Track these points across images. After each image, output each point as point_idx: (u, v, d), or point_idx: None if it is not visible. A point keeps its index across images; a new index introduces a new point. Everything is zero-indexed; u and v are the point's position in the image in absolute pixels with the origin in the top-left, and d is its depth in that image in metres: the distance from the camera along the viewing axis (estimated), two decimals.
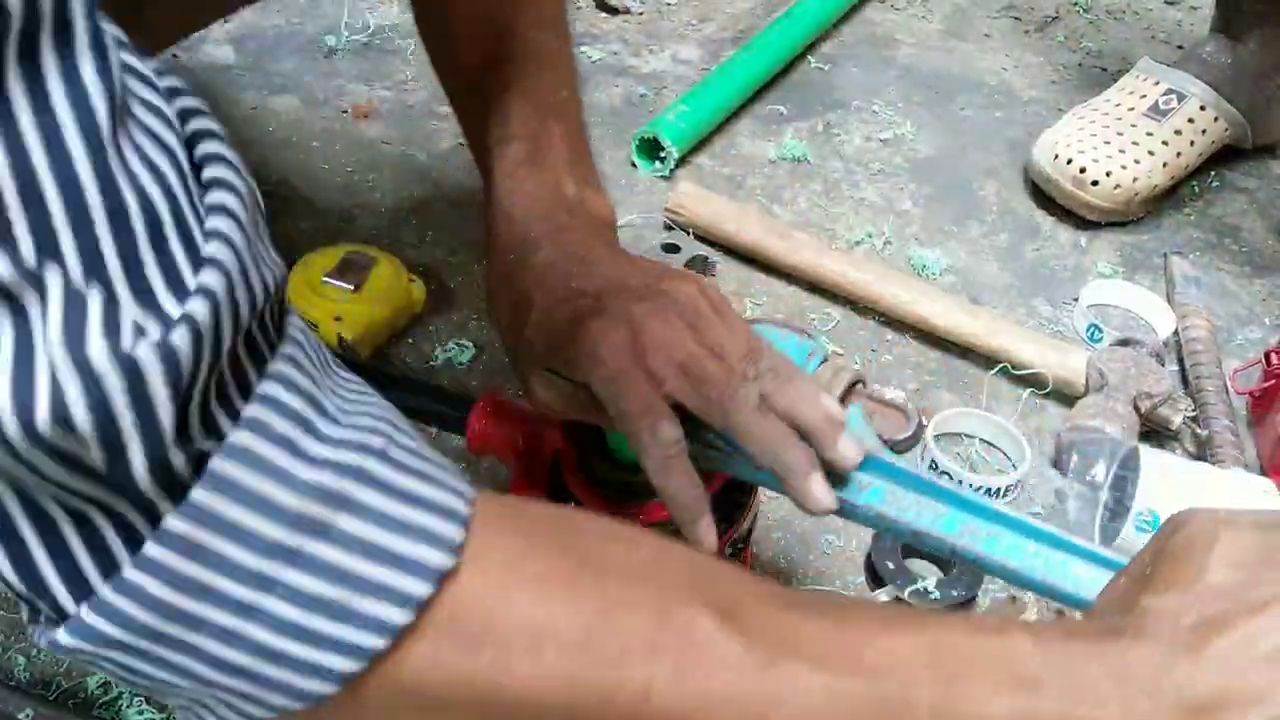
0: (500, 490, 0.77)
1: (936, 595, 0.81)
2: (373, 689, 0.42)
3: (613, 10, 1.38)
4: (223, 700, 0.42)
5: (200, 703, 0.43)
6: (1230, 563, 0.43)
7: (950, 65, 1.36)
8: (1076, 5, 1.48)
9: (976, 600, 0.82)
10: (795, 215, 1.14)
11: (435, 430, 0.88)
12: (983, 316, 1.01)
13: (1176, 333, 1.04)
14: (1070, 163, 1.12)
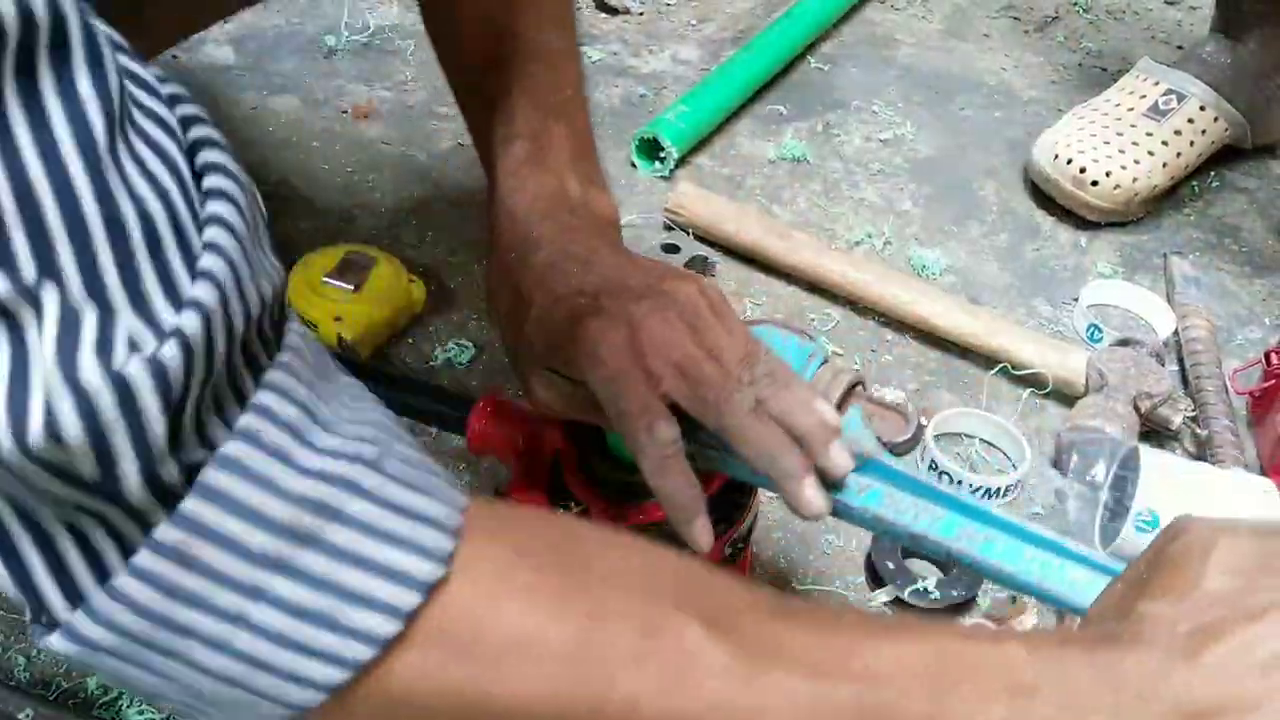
0: (500, 491, 0.77)
1: (936, 595, 0.81)
2: (361, 698, 0.42)
3: (613, 10, 1.38)
4: (213, 707, 0.42)
5: (191, 709, 0.43)
6: (1228, 570, 0.43)
7: (950, 65, 1.36)
8: (1076, 5, 1.48)
9: (976, 600, 0.82)
10: (795, 215, 1.14)
11: (435, 430, 0.88)
12: (983, 316, 1.01)
13: (1176, 333, 1.04)
14: (1070, 163, 1.12)
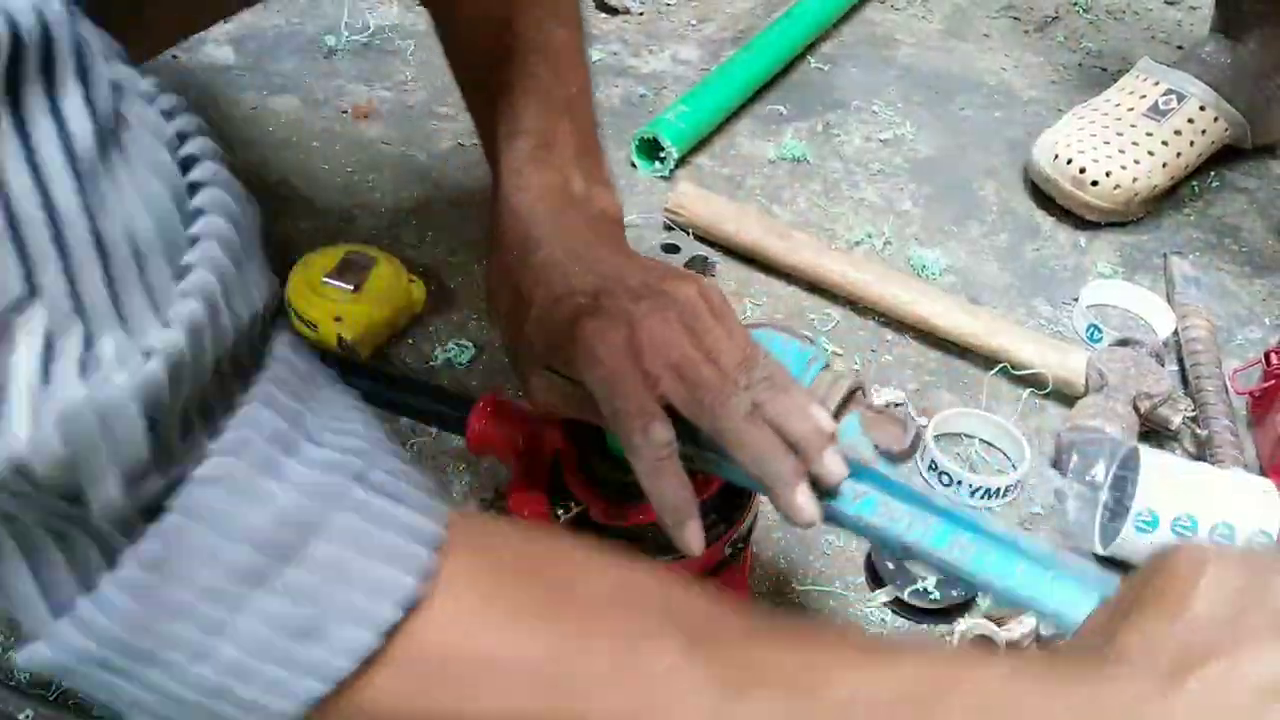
0: (500, 491, 0.77)
1: (936, 595, 0.81)
2: (340, 711, 0.43)
3: (613, 10, 1.38)
4: (193, 717, 0.42)
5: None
6: (1216, 595, 0.43)
7: (950, 65, 1.36)
8: (1076, 5, 1.48)
9: (976, 601, 0.82)
10: (795, 215, 1.14)
11: (435, 430, 0.88)
12: (983, 316, 1.01)
13: (1176, 333, 1.04)
14: (1070, 163, 1.12)
